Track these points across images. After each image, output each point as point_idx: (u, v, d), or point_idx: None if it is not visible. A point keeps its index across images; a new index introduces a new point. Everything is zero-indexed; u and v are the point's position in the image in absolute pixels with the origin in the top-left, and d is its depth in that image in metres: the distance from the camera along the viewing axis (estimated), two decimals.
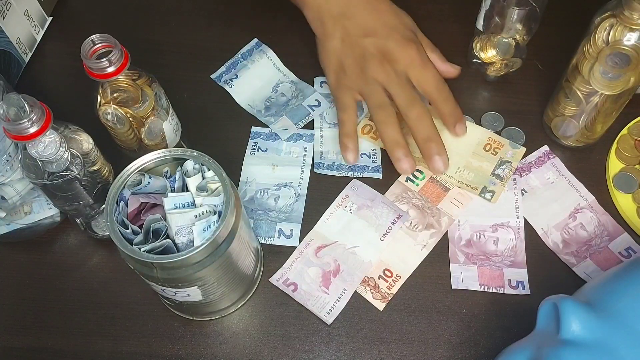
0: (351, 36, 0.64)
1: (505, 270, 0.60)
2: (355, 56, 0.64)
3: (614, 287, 0.47)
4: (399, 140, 0.61)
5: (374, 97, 0.62)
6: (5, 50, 0.70)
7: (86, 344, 0.59)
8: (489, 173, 0.64)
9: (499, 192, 0.63)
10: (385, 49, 0.63)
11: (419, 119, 0.61)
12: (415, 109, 0.61)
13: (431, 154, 0.61)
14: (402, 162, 0.61)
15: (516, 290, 0.59)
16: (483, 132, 0.66)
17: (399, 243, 0.62)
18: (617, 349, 0.43)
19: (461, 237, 0.62)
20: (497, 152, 0.65)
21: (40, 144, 0.51)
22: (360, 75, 0.63)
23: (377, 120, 0.62)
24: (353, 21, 0.64)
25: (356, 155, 0.64)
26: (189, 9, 0.78)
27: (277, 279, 0.61)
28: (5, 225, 0.62)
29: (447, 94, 0.63)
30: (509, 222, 0.62)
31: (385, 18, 0.65)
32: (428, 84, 0.63)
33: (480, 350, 0.58)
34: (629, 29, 0.54)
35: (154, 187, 0.52)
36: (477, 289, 0.60)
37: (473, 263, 0.61)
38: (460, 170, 0.64)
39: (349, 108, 0.64)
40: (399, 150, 0.61)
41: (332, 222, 0.63)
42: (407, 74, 0.63)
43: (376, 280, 0.60)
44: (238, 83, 0.72)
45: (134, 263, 0.49)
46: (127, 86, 0.56)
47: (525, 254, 0.61)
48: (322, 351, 0.58)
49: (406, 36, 0.64)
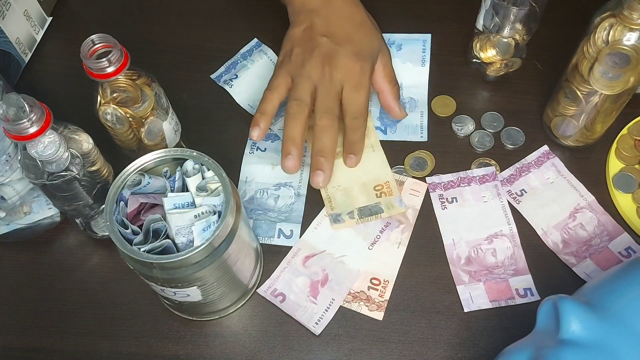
0: (313, 31, 0.65)
1: (511, 280, 0.60)
2: (306, 48, 0.64)
3: (613, 287, 0.47)
4: (295, 139, 0.61)
5: (298, 89, 0.63)
6: (5, 50, 0.70)
7: (85, 344, 0.59)
8: (356, 206, 0.63)
9: (345, 227, 0.62)
10: (333, 53, 0.63)
11: (324, 129, 0.61)
12: (326, 119, 0.61)
13: (316, 167, 0.61)
14: (289, 160, 0.61)
15: (526, 299, 0.59)
16: (387, 174, 0.65)
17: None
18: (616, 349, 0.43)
19: (460, 257, 0.61)
20: (382, 196, 0.64)
21: (40, 144, 0.51)
22: (300, 65, 0.64)
23: (288, 112, 0.62)
24: (321, 19, 0.65)
25: (261, 133, 0.63)
26: (189, 9, 0.78)
27: (265, 289, 0.60)
28: (5, 225, 0.62)
29: (360, 125, 0.63)
30: (502, 230, 0.62)
31: (351, 28, 0.65)
32: (351, 105, 0.63)
33: (480, 350, 0.58)
34: (629, 28, 0.54)
35: (154, 187, 0.52)
36: (489, 306, 0.59)
37: (478, 280, 0.60)
38: (336, 188, 0.64)
39: (276, 89, 0.64)
40: (292, 147, 0.61)
41: (320, 231, 0.63)
42: (341, 86, 0.63)
43: (367, 292, 0.60)
44: (238, 83, 0.72)
45: (134, 263, 0.49)
46: (126, 86, 0.56)
47: (525, 260, 0.61)
48: (322, 351, 0.58)
49: (359, 52, 0.64)
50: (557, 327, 0.45)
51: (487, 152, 0.67)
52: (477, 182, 0.64)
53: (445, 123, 0.69)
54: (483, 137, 0.68)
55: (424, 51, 0.73)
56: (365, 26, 0.67)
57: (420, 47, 0.73)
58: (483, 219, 0.62)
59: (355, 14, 0.67)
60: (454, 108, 0.70)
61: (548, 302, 0.47)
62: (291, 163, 0.61)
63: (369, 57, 0.65)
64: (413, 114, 0.69)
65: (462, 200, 0.64)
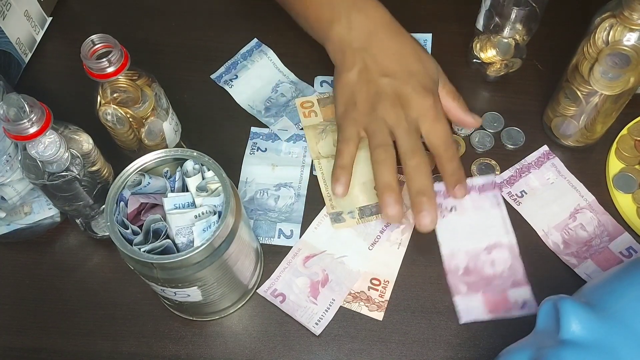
0: (369, 72, 0.62)
1: (509, 292, 0.59)
2: (369, 92, 0.62)
3: (614, 287, 0.47)
4: (391, 184, 0.58)
5: (378, 136, 0.60)
6: (5, 50, 0.70)
7: (86, 344, 0.59)
8: (356, 205, 0.63)
9: (346, 226, 0.62)
10: (401, 92, 0.61)
11: (417, 169, 0.59)
12: (415, 158, 0.59)
13: (421, 209, 0.58)
14: (391, 208, 0.58)
15: (524, 311, 0.58)
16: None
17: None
18: (617, 349, 0.43)
19: (458, 267, 0.60)
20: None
21: (40, 144, 0.51)
22: (369, 111, 0.61)
23: (375, 160, 0.59)
24: (373, 58, 0.63)
25: (346, 189, 0.61)
26: (189, 9, 0.78)
27: (265, 289, 0.60)
28: (5, 226, 0.62)
29: (453, 153, 0.61)
30: (501, 240, 0.61)
31: (407, 61, 0.63)
32: (437, 138, 0.60)
33: (480, 351, 0.58)
34: (629, 29, 0.54)
35: (154, 188, 0.52)
36: (486, 318, 0.58)
37: (476, 291, 0.59)
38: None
39: (350, 141, 0.62)
40: (390, 194, 0.58)
41: (320, 231, 0.63)
42: (418, 123, 0.61)
43: (367, 293, 0.60)
44: (238, 83, 0.72)
45: (134, 263, 0.49)
46: (127, 86, 0.56)
47: (524, 271, 0.60)
48: (322, 351, 0.58)
49: (425, 85, 0.62)
50: (558, 327, 0.45)
51: (487, 152, 0.67)
52: (477, 191, 0.63)
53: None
54: (483, 138, 0.67)
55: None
56: (418, 53, 0.64)
57: None
58: (482, 229, 0.62)
59: (403, 44, 0.64)
60: None
61: (548, 302, 0.47)
62: (394, 210, 0.58)
63: (434, 86, 0.63)
64: None
65: (462, 209, 0.63)
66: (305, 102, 0.69)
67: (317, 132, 0.67)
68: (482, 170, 0.66)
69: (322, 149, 0.66)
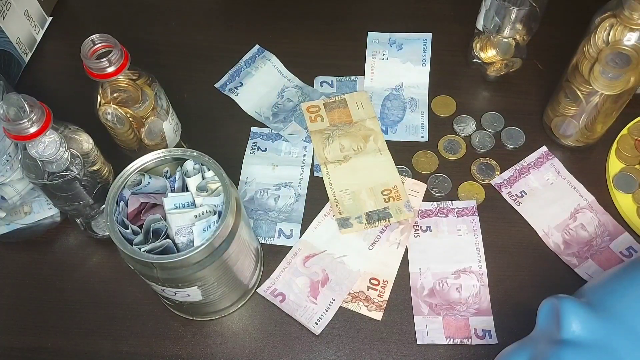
0: None
1: (471, 320, 0.58)
2: None
3: (614, 287, 0.47)
4: None
5: None
6: (5, 50, 0.70)
7: (86, 344, 0.59)
8: (364, 211, 0.63)
9: (353, 231, 0.62)
10: None
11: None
12: None
13: None
14: None
15: (483, 340, 0.57)
16: (395, 178, 0.65)
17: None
18: (617, 349, 0.43)
19: (424, 287, 0.60)
20: (390, 201, 0.63)
21: (40, 144, 0.51)
22: None
23: None
24: None
25: None
26: (189, 9, 0.78)
27: (265, 289, 0.60)
28: (5, 225, 0.62)
29: None
30: (471, 267, 0.60)
31: None
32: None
33: (480, 350, 0.58)
34: (629, 29, 0.54)
35: (154, 187, 0.52)
36: (443, 342, 0.57)
37: (437, 314, 0.58)
38: (344, 192, 0.64)
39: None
40: None
41: (320, 231, 0.63)
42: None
43: (366, 293, 0.60)
44: (243, 91, 0.72)
45: (134, 263, 0.49)
46: (127, 86, 0.56)
47: (490, 301, 0.59)
48: (323, 351, 0.58)
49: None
50: (558, 327, 0.45)
51: (487, 152, 0.67)
52: (455, 215, 0.63)
53: (445, 123, 0.69)
54: (484, 138, 0.67)
55: (424, 51, 0.73)
56: None
57: (420, 46, 0.73)
58: (454, 253, 0.61)
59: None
60: (454, 108, 0.70)
61: (548, 302, 0.47)
62: None
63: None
64: (413, 114, 0.69)
65: (437, 231, 0.62)
66: (311, 106, 0.69)
67: (323, 137, 0.67)
68: (482, 170, 0.66)
69: (329, 154, 0.66)
